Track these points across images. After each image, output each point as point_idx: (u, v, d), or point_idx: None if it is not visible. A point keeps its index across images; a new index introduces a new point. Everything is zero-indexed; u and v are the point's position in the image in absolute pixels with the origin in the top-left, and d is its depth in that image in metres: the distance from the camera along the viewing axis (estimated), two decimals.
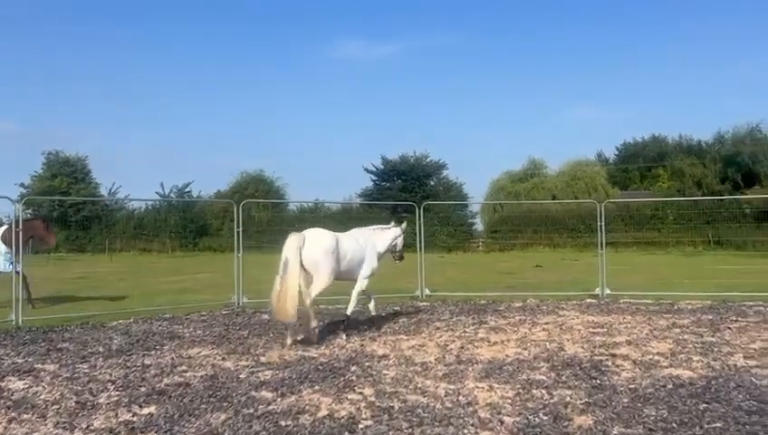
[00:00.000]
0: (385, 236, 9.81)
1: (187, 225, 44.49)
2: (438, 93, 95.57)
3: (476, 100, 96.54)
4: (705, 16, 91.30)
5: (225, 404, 5.46)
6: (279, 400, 5.60)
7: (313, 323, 8.53)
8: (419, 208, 14.34)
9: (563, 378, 6.34)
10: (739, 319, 10.15)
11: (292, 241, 8.33)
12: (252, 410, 5.25)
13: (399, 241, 10.09)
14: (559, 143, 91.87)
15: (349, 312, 9.21)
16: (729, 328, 9.27)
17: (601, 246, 14.20)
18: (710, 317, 10.33)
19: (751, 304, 11.91)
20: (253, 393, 5.81)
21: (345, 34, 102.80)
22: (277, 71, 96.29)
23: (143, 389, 6.04)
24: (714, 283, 15.56)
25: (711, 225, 34.15)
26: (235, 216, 12.98)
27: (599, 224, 14.36)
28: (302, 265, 8.25)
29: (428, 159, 53.58)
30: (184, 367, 7.00)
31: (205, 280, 19.08)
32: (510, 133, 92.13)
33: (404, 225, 10.40)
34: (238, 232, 12.92)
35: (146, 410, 5.32)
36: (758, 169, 52.62)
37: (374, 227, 9.99)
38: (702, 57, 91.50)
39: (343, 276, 8.98)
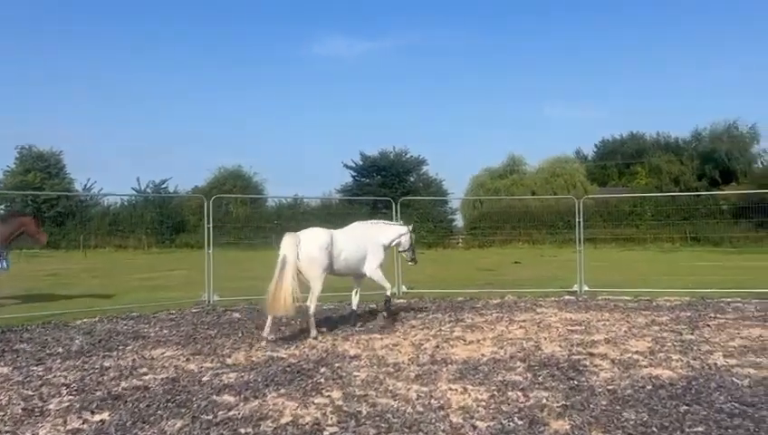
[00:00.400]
0: (389, 230, 9.80)
1: (163, 221, 43.75)
2: (419, 90, 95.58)
3: (457, 96, 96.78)
4: (685, 17, 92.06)
5: (183, 410, 5.14)
6: (241, 405, 5.29)
7: (313, 333, 8.39)
8: (396, 204, 14.07)
9: (540, 379, 6.11)
10: (718, 316, 10.02)
11: (288, 240, 8.41)
12: (211, 417, 4.94)
13: (404, 239, 9.93)
14: (538, 140, 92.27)
15: (389, 293, 9.62)
16: (708, 325, 9.13)
17: (580, 243, 14.06)
18: (689, 314, 10.19)
19: (729, 300, 11.84)
20: (214, 398, 5.50)
21: (327, 31, 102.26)
22: (258, 67, 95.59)
23: (98, 393, 5.70)
24: (692, 279, 15.50)
25: (688, 221, 34.26)
26: (205, 211, 12.64)
27: (577, 220, 14.22)
28: (298, 263, 8.33)
29: (408, 155, 53.34)
30: (145, 369, 6.66)
31: (179, 277, 18.62)
32: (490, 130, 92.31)
33: (410, 226, 10.27)
34: (208, 228, 12.56)
35: (97, 417, 4.98)
36: (735, 166, 53.24)
37: (375, 221, 10.13)
38: (680, 56, 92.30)
39: (343, 272, 9.10)
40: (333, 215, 30.68)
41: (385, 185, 49.10)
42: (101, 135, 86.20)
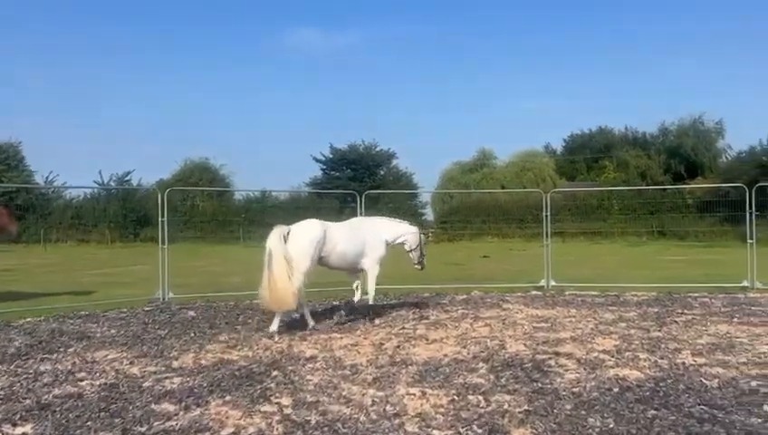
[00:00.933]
0: (394, 227, 9.63)
1: (127, 214, 42.64)
2: (390, 84, 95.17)
3: (426, 90, 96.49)
4: (655, 13, 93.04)
5: (116, 421, 4.71)
6: (181, 414, 4.88)
7: (273, 327, 8.15)
8: (360, 197, 13.71)
9: (503, 381, 5.81)
10: (685, 311, 9.88)
11: (275, 232, 8.16)
12: (144, 429, 4.52)
13: (411, 238, 9.74)
14: (508, 134, 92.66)
15: (371, 301, 9.29)
16: (675, 321, 8.97)
17: (547, 237, 13.87)
18: (656, 310, 10.03)
19: (696, 295, 11.74)
20: (152, 406, 5.07)
21: (297, 23, 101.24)
22: (227, 59, 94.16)
23: (27, 402, 5.24)
24: (658, 274, 15.43)
25: (655, 215, 34.55)
26: (159, 204, 12.10)
27: (544, 214, 14.04)
28: (287, 256, 8.08)
29: (378, 149, 52.96)
30: (83, 374, 6.20)
31: (141, 272, 17.99)
32: (460, 124, 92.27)
33: (424, 230, 10.20)
34: (163, 222, 12.03)
35: (19, 430, 4.54)
36: (700, 160, 53.99)
37: (382, 218, 10.07)
38: (649, 52, 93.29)
39: (339, 266, 8.92)
40: (302, 208, 30.20)
41: (355, 178, 48.66)
42: (63, 127, 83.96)
